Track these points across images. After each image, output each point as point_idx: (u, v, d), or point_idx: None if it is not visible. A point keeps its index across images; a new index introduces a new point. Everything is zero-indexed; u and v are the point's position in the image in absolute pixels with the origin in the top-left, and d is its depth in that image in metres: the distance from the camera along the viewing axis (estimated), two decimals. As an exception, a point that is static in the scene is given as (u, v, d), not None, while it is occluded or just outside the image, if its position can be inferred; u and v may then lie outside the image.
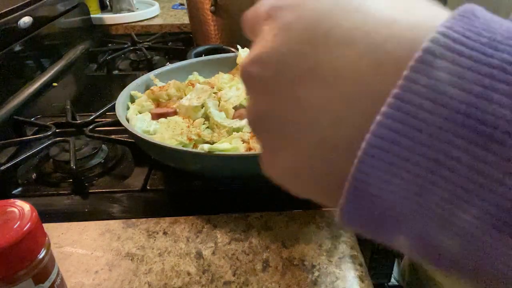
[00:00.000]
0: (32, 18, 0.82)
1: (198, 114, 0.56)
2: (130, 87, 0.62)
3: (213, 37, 0.93)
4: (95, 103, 0.78)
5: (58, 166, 0.58)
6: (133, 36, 1.11)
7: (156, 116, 0.57)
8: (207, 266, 0.41)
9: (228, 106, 0.56)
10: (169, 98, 0.62)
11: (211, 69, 0.71)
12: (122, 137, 0.61)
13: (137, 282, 0.40)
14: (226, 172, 0.50)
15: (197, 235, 0.45)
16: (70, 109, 0.69)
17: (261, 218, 0.48)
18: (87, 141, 0.62)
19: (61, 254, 0.43)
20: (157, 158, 0.54)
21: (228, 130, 0.52)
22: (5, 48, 0.76)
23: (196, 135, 0.50)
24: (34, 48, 0.87)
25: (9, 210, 0.31)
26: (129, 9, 1.25)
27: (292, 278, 0.40)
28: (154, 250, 0.44)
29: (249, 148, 0.47)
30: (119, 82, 0.93)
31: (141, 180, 0.56)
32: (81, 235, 0.46)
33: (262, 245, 0.44)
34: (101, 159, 0.60)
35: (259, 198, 0.52)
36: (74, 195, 0.53)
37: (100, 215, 0.50)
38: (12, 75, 0.78)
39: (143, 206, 0.52)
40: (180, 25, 1.21)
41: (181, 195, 0.53)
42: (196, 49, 0.79)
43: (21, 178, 0.57)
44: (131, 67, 1.02)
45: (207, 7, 0.89)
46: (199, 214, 0.48)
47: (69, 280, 0.40)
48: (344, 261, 0.42)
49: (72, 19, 1.06)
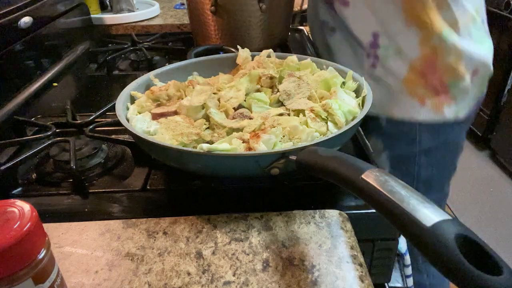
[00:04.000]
0: (32, 18, 0.82)
1: (198, 115, 0.56)
2: (130, 87, 0.62)
3: (213, 37, 0.93)
4: (95, 103, 0.78)
5: (58, 166, 0.58)
6: (133, 36, 1.11)
7: (156, 116, 0.57)
8: (207, 266, 0.41)
9: (228, 106, 0.56)
10: (169, 98, 0.62)
11: (211, 69, 0.71)
12: (122, 137, 0.61)
13: (137, 282, 0.40)
14: (226, 172, 0.50)
15: (197, 235, 0.45)
16: (70, 109, 0.69)
17: (261, 218, 0.48)
18: (87, 141, 0.62)
19: (61, 254, 0.43)
20: (157, 158, 0.54)
21: (228, 130, 0.52)
22: (5, 48, 0.76)
23: (196, 135, 0.50)
24: (34, 48, 0.87)
25: (9, 210, 0.31)
26: (129, 9, 1.25)
27: (292, 278, 0.40)
28: (154, 250, 0.44)
29: (249, 148, 0.47)
30: (119, 82, 0.93)
31: (141, 180, 0.56)
32: (81, 235, 0.46)
33: (262, 245, 0.44)
34: (101, 159, 0.60)
35: (259, 198, 0.52)
36: (74, 195, 0.53)
37: (100, 215, 0.50)
38: (12, 75, 0.78)
39: (143, 206, 0.52)
40: (180, 25, 1.21)
41: (181, 195, 0.53)
42: (196, 49, 0.79)
43: (21, 178, 0.57)
44: (131, 67, 1.02)
45: (207, 7, 0.89)
46: (199, 214, 0.48)
47: (69, 280, 0.40)
48: (344, 261, 0.42)
49: (72, 19, 1.06)
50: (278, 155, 0.44)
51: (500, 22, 2.04)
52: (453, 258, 0.26)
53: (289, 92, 0.58)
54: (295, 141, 0.49)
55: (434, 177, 0.88)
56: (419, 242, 0.28)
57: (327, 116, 0.53)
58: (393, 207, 0.31)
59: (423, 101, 0.81)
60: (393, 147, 0.86)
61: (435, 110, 0.81)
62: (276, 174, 0.46)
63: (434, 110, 0.81)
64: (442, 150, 0.86)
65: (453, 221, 0.28)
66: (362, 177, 0.34)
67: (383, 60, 0.80)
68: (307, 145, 0.44)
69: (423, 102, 0.81)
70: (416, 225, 0.29)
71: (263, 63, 0.66)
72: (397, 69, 0.79)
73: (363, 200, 0.34)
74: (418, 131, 0.83)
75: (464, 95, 0.81)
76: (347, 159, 0.38)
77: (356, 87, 0.60)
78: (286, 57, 0.68)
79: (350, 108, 0.54)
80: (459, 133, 0.87)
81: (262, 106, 0.57)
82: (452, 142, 0.87)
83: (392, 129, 0.85)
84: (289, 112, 0.56)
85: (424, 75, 0.79)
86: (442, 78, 0.79)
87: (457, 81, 0.79)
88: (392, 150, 0.87)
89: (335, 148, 0.51)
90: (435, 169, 0.87)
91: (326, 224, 0.46)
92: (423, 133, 0.83)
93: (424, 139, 0.83)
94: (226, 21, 0.90)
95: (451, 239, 0.27)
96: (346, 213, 0.48)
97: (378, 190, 0.32)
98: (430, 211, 0.29)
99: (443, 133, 0.84)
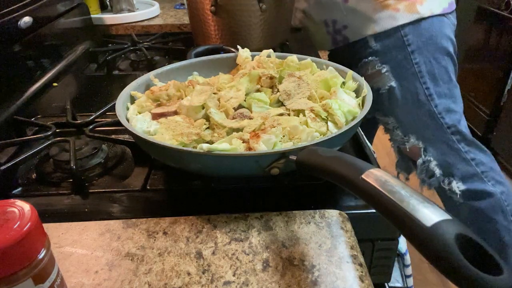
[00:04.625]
0: (32, 18, 0.82)
1: (198, 115, 0.56)
2: (130, 87, 0.62)
3: (213, 37, 0.93)
4: (95, 103, 0.78)
5: (58, 166, 0.58)
6: (133, 36, 1.11)
7: (156, 116, 0.57)
8: (207, 266, 0.41)
9: (228, 106, 0.56)
10: (169, 98, 0.62)
11: (211, 69, 0.71)
12: (122, 137, 0.61)
13: (137, 282, 0.40)
14: (226, 172, 0.50)
15: (197, 235, 0.45)
16: (70, 109, 0.69)
17: (261, 218, 0.48)
18: (87, 141, 0.62)
19: (61, 254, 0.43)
20: (157, 158, 0.54)
21: (228, 130, 0.52)
22: (5, 48, 0.76)
23: (196, 135, 0.50)
24: (34, 48, 0.87)
25: (9, 210, 0.31)
26: (129, 9, 1.25)
27: (292, 278, 0.40)
28: (154, 250, 0.44)
29: (249, 148, 0.47)
30: (119, 82, 0.93)
31: (141, 180, 0.56)
32: (81, 235, 0.46)
33: (262, 245, 0.44)
34: (101, 159, 0.60)
35: (259, 198, 0.52)
36: (74, 195, 0.53)
37: (100, 215, 0.50)
38: (12, 75, 0.78)
39: (143, 206, 0.52)
40: (180, 25, 1.21)
41: (181, 195, 0.53)
42: (196, 49, 0.79)
43: (21, 178, 0.57)
44: (131, 67, 1.02)
45: (207, 7, 0.89)
46: (199, 214, 0.48)
47: (69, 280, 0.40)
48: (344, 261, 0.42)
49: (72, 19, 1.06)
50: (278, 155, 0.44)
51: (500, 22, 2.04)
52: (453, 258, 0.26)
53: (289, 92, 0.58)
54: (295, 141, 0.49)
55: (435, 69, 0.96)
56: (419, 242, 0.28)
57: (327, 116, 0.53)
58: (393, 207, 0.31)
59: (396, 9, 0.94)
60: (389, 59, 0.97)
61: (409, 11, 0.93)
62: (276, 174, 0.46)
63: (409, 11, 0.93)
64: (432, 43, 0.96)
65: (453, 221, 0.28)
66: (362, 177, 0.34)
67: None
68: (307, 145, 0.44)
69: (397, 9, 0.94)
70: (416, 225, 0.29)
71: (263, 63, 0.66)
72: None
73: (363, 200, 0.34)
74: (403, 34, 0.95)
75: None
76: (347, 159, 0.38)
77: (356, 87, 0.60)
78: (286, 57, 0.68)
79: (350, 108, 0.54)
80: (442, 25, 0.97)
81: (262, 106, 0.57)
82: (439, 34, 0.96)
83: (381, 43, 0.97)
84: (289, 112, 0.56)
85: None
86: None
87: None
88: (389, 62, 0.97)
89: (335, 148, 0.51)
90: (433, 60, 0.96)
91: (326, 224, 0.46)
92: (408, 35, 0.94)
93: (411, 39, 0.95)
94: (226, 21, 0.90)
95: (451, 239, 0.27)
96: (346, 213, 0.48)
97: (378, 190, 0.32)
98: (430, 211, 0.29)
99: (425, 29, 0.95)
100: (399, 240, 0.53)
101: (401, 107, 0.98)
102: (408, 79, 0.96)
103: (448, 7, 0.97)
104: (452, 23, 1.00)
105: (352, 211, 0.49)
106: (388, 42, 0.96)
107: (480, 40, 2.17)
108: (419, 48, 0.95)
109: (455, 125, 0.98)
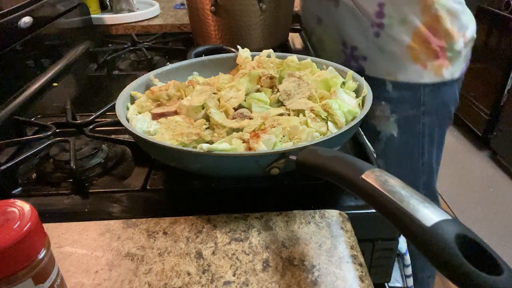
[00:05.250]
0: (32, 18, 0.82)
1: (198, 115, 0.56)
2: (130, 87, 0.62)
3: (213, 37, 0.94)
4: (95, 103, 0.78)
5: (58, 166, 0.58)
6: (133, 36, 1.11)
7: (156, 116, 0.57)
8: (207, 266, 0.41)
9: (228, 106, 0.56)
10: (169, 98, 0.62)
11: (211, 69, 0.71)
12: (122, 137, 0.61)
13: (137, 282, 0.40)
14: (226, 172, 0.50)
15: (197, 235, 0.45)
16: (70, 109, 0.69)
17: (261, 218, 0.48)
18: (87, 141, 0.62)
19: (61, 254, 0.43)
20: (157, 158, 0.54)
21: (228, 130, 0.52)
22: (5, 48, 0.76)
23: (196, 135, 0.50)
24: (34, 48, 0.87)
25: (9, 210, 0.31)
26: (129, 9, 1.25)
27: (292, 278, 0.40)
28: (154, 250, 0.44)
29: (249, 148, 0.47)
30: (119, 82, 0.93)
31: (141, 180, 0.56)
32: (81, 235, 0.46)
33: (262, 245, 0.44)
34: (101, 159, 0.60)
35: (259, 198, 0.52)
36: (74, 195, 0.53)
37: (100, 215, 0.50)
38: (12, 75, 0.78)
39: (143, 206, 0.52)
40: (180, 25, 1.21)
41: (181, 195, 0.53)
42: (196, 49, 0.79)
43: (21, 178, 0.57)
44: (131, 67, 1.02)
45: (207, 7, 0.89)
46: (199, 214, 0.48)
47: (69, 280, 0.40)
48: (344, 261, 0.42)
49: (72, 19, 1.06)
50: (278, 155, 0.44)
51: (500, 22, 2.04)
52: (453, 258, 0.26)
53: (289, 92, 0.58)
54: (295, 141, 0.49)
55: (436, 132, 0.97)
56: (419, 242, 0.28)
57: (327, 116, 0.53)
58: (393, 207, 0.31)
59: (425, 65, 0.88)
60: (400, 110, 0.94)
61: (435, 72, 0.89)
62: (276, 174, 0.46)
63: (435, 72, 0.89)
64: (442, 108, 0.95)
65: (453, 221, 0.28)
66: (362, 177, 0.34)
67: (388, 29, 0.86)
68: (307, 145, 0.44)
69: (425, 66, 0.89)
70: (416, 225, 0.29)
71: (263, 63, 0.66)
72: (401, 37, 0.86)
73: (363, 200, 0.34)
74: (422, 93, 0.91)
75: (458, 57, 0.90)
76: (347, 159, 0.38)
77: (356, 87, 0.60)
78: (286, 57, 0.68)
79: (350, 108, 0.54)
80: (455, 90, 0.96)
81: (262, 106, 0.57)
82: (450, 99, 0.96)
83: (398, 93, 0.92)
84: (289, 112, 0.56)
85: (427, 42, 0.86)
86: (442, 43, 0.86)
87: (453, 44, 0.87)
88: (399, 113, 0.94)
89: (335, 148, 0.51)
90: (437, 125, 0.96)
91: (326, 224, 0.46)
92: (426, 94, 0.91)
93: (427, 100, 0.92)
94: (226, 21, 0.90)
95: (451, 239, 0.27)
96: (346, 213, 0.48)
97: (378, 190, 0.32)
98: (430, 211, 0.29)
99: (442, 92, 0.93)
100: (399, 240, 0.53)
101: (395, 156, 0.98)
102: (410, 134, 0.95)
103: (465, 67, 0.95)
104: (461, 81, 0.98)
105: (352, 211, 0.49)
106: (405, 94, 0.92)
107: (480, 40, 2.17)
108: (430, 111, 0.93)
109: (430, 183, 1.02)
